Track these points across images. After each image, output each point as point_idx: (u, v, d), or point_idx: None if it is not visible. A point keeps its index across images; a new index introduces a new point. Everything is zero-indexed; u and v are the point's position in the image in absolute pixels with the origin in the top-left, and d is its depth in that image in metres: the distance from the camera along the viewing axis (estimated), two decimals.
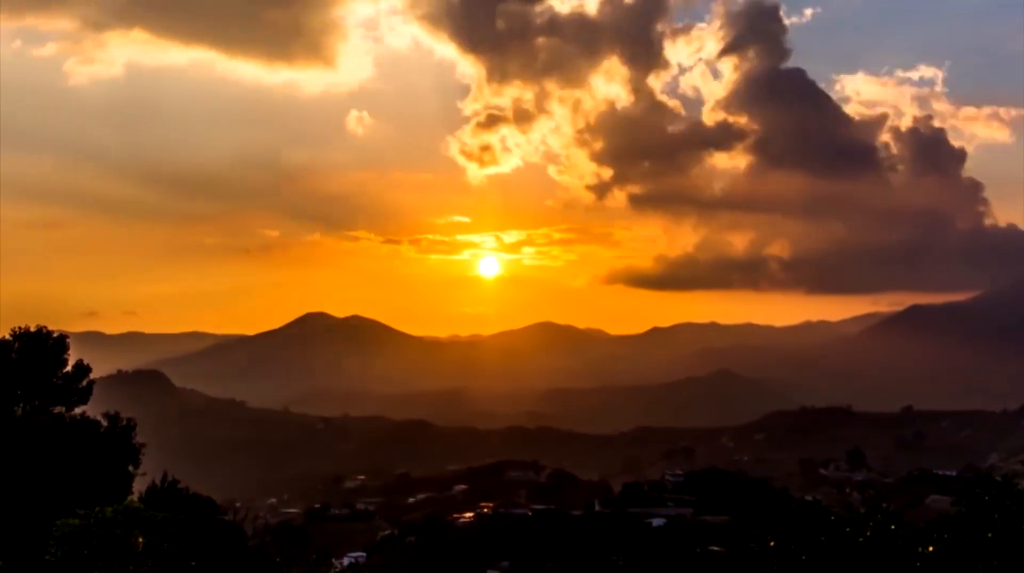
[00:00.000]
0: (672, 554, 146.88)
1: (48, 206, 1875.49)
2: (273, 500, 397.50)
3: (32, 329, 60.19)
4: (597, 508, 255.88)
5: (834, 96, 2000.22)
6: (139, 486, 61.21)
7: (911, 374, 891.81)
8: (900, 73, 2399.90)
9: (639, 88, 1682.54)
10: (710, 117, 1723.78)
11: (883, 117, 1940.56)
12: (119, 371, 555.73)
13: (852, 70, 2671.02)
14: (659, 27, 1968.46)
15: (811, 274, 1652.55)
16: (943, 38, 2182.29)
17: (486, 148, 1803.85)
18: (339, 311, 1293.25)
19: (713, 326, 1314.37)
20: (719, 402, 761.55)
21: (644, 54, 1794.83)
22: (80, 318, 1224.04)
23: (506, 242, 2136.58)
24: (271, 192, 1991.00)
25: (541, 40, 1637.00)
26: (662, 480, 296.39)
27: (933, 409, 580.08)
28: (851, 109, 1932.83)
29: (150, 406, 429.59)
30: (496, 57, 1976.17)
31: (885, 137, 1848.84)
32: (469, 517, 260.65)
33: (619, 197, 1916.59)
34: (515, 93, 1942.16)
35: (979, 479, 39.20)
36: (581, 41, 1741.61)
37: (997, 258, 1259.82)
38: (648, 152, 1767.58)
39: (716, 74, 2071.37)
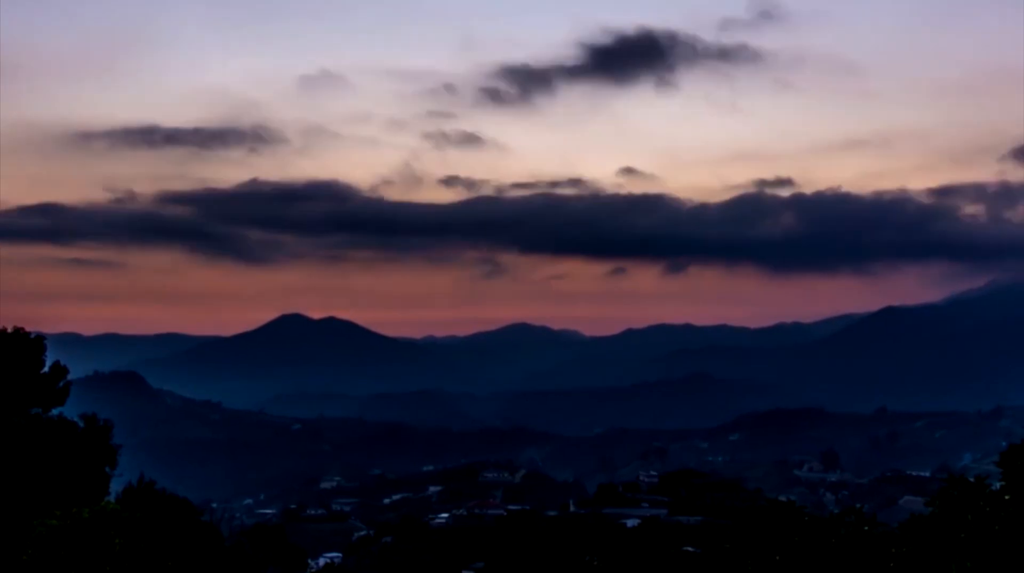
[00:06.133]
0: (646, 555, 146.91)
1: None
2: (249, 501, 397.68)
3: (9, 330, 59.74)
4: (572, 509, 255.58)
5: None
6: (116, 487, 61.11)
7: (885, 375, 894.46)
8: None
9: None
10: None
11: None
12: (96, 372, 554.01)
13: None
14: None
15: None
16: None
17: None
18: (315, 313, 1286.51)
19: (687, 327, 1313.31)
20: (693, 403, 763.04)
21: None
22: (57, 319, 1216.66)
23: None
24: None
25: None
26: (637, 481, 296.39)
27: (907, 410, 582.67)
28: None
29: (127, 407, 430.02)
30: None
31: None
32: (444, 518, 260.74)
33: None
34: None
35: (953, 480, 39.35)
36: None
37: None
38: None
39: None
